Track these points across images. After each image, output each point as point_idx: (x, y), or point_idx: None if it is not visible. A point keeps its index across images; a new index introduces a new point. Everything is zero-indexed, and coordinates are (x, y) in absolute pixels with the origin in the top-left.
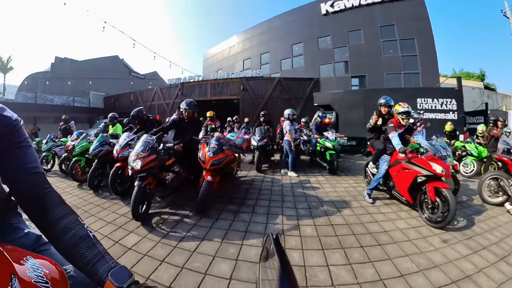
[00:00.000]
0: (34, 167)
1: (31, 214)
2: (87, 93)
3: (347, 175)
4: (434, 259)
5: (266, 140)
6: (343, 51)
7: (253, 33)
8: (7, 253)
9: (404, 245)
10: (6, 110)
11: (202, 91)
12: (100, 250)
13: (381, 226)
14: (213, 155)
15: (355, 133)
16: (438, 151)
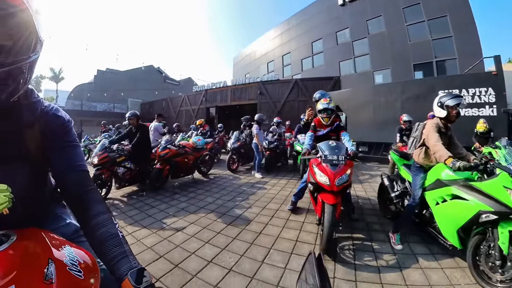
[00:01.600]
0: (80, 165)
1: (73, 207)
2: (125, 100)
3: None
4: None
5: (239, 143)
6: (363, 44)
7: (274, 34)
8: (48, 239)
9: None
10: (60, 111)
11: (223, 97)
12: (125, 249)
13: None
14: (160, 150)
15: (364, 136)
16: (323, 153)
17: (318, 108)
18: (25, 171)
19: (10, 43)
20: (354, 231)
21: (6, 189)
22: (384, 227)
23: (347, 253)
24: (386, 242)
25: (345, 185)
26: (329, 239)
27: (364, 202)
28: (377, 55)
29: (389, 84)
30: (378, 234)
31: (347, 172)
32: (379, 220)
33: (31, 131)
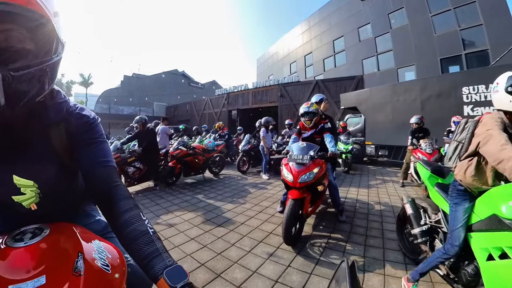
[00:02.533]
0: (106, 160)
1: (100, 204)
2: (151, 103)
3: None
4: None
5: (250, 146)
6: (386, 39)
7: (295, 34)
8: (79, 233)
9: None
10: (85, 109)
11: (245, 100)
12: (158, 247)
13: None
14: (173, 151)
15: (383, 139)
16: (291, 152)
17: (300, 112)
18: (53, 168)
19: (33, 47)
20: (334, 231)
21: (33, 185)
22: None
23: (316, 249)
24: (361, 245)
25: (310, 182)
26: (288, 230)
27: (361, 206)
28: (401, 51)
29: (408, 82)
30: (357, 237)
31: (313, 171)
32: (366, 225)
33: (57, 130)
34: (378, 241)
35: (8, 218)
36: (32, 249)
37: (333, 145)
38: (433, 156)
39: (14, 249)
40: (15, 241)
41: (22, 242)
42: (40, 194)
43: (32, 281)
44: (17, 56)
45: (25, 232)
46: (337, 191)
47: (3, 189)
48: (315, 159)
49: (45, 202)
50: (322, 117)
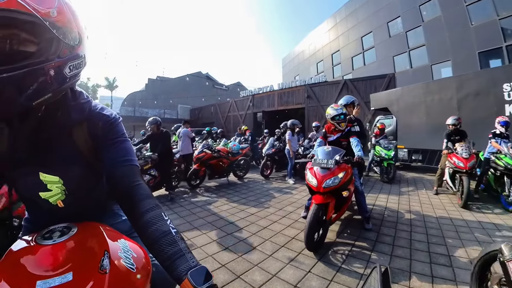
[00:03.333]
0: (127, 159)
1: (121, 204)
2: (175, 106)
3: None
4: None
5: (274, 150)
6: (418, 33)
7: (321, 31)
8: (105, 232)
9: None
10: (106, 109)
11: (270, 102)
12: (181, 247)
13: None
14: (197, 154)
15: (417, 143)
16: (316, 156)
17: (331, 115)
18: (77, 166)
19: (28, 48)
20: (359, 239)
21: (58, 180)
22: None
23: (338, 256)
24: (387, 254)
25: (335, 187)
26: (310, 235)
27: (390, 214)
28: (435, 45)
29: (442, 80)
30: (383, 246)
31: (338, 175)
32: (394, 234)
33: (80, 130)
34: (405, 252)
35: (37, 216)
36: (60, 247)
37: (360, 149)
38: (470, 161)
39: (43, 247)
40: (44, 239)
41: (51, 240)
42: (66, 191)
43: (59, 277)
44: (9, 58)
45: (54, 231)
46: (363, 198)
47: (31, 186)
48: (341, 164)
49: (71, 199)
50: (352, 117)
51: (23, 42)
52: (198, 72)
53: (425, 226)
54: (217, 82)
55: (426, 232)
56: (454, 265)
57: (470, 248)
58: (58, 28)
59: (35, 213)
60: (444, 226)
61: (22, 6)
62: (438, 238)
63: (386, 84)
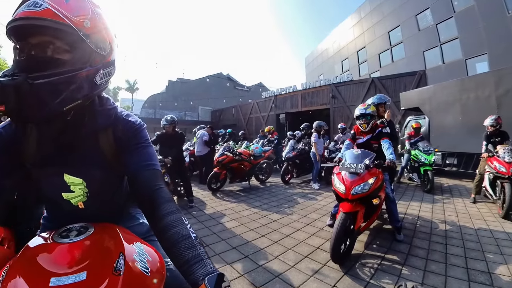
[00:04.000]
0: (150, 164)
1: (143, 207)
2: (196, 108)
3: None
4: None
5: (294, 153)
6: (449, 25)
7: (345, 27)
8: (121, 234)
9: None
10: (131, 116)
11: (294, 102)
12: (200, 252)
13: None
14: (218, 156)
15: (452, 145)
16: (344, 160)
17: (355, 114)
18: (100, 169)
19: (64, 57)
20: (389, 252)
21: (82, 183)
22: (432, 256)
23: (366, 270)
24: (420, 269)
25: (364, 194)
26: (336, 246)
27: (422, 224)
28: (469, 38)
29: (479, 76)
30: (416, 260)
31: (368, 181)
32: (428, 247)
33: (105, 135)
34: (440, 267)
35: (56, 215)
36: (76, 246)
37: (392, 152)
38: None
39: (60, 245)
40: (61, 237)
41: (67, 238)
42: (87, 193)
43: (74, 276)
44: (45, 65)
45: (71, 230)
46: (395, 206)
47: (55, 186)
48: (371, 168)
49: (92, 201)
50: (384, 121)
51: (57, 50)
52: (219, 73)
53: (462, 239)
54: (238, 83)
55: (463, 245)
56: (495, 284)
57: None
58: (91, 38)
59: (55, 212)
60: (483, 239)
61: (58, 16)
62: (477, 252)
63: (417, 82)
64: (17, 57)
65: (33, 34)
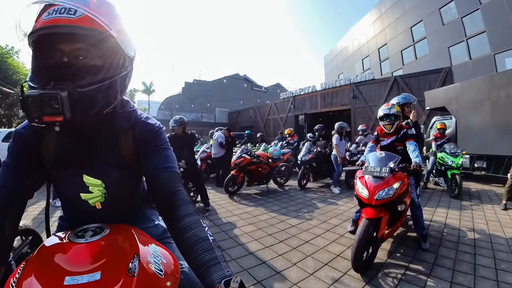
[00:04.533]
0: (169, 166)
1: (161, 208)
2: (213, 109)
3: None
4: None
5: (311, 156)
6: (475, 18)
7: (365, 24)
8: (137, 236)
9: None
10: (151, 118)
11: (313, 103)
12: (217, 255)
13: None
14: (236, 159)
15: (480, 147)
16: (367, 163)
17: (379, 115)
18: (119, 171)
19: (100, 63)
20: (414, 261)
21: (100, 184)
22: (459, 267)
23: (389, 280)
24: (446, 281)
25: (389, 200)
26: (358, 254)
27: (449, 232)
28: (497, 31)
29: (509, 72)
30: (442, 271)
31: (393, 186)
32: (455, 257)
33: (125, 137)
34: (468, 279)
35: (73, 215)
36: (91, 246)
37: (418, 155)
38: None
39: (75, 244)
40: (77, 237)
41: (83, 238)
42: (105, 194)
43: (88, 275)
44: (84, 72)
45: (86, 230)
46: (420, 212)
47: (73, 187)
48: (396, 172)
49: (109, 202)
50: (410, 122)
51: (95, 57)
52: (236, 74)
53: (492, 249)
54: (256, 84)
55: (493, 256)
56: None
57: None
58: (124, 42)
59: (71, 213)
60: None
61: (96, 24)
62: (509, 264)
63: (442, 80)
64: (39, 63)
65: (67, 42)
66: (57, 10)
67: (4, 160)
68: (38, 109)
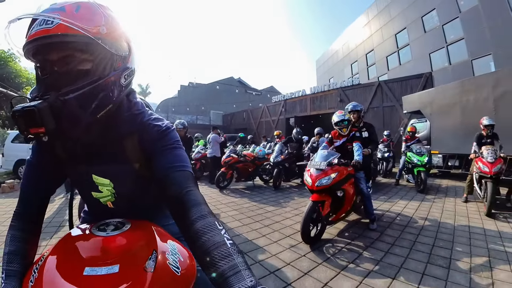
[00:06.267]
0: (180, 165)
1: (172, 211)
2: (207, 112)
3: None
4: None
5: (283, 157)
6: (455, 26)
7: (354, 30)
8: (156, 232)
9: None
10: (159, 119)
11: (303, 106)
12: (237, 262)
13: None
14: (225, 158)
15: (452, 147)
16: (314, 159)
17: (334, 121)
18: (126, 172)
19: (89, 67)
20: (359, 238)
21: (109, 183)
22: (399, 243)
23: (333, 249)
24: (382, 251)
25: (327, 186)
26: (305, 228)
27: (402, 219)
28: (474, 38)
29: (478, 78)
30: (381, 244)
31: (330, 176)
32: (398, 236)
33: (130, 139)
34: (403, 251)
35: (94, 211)
36: (111, 240)
37: (359, 154)
38: (495, 166)
39: (96, 237)
40: (99, 230)
41: (104, 232)
42: (115, 194)
43: (107, 268)
44: (70, 79)
45: (108, 224)
46: (369, 201)
47: (85, 185)
48: (333, 166)
49: (120, 202)
50: (356, 124)
51: (79, 62)
52: (230, 77)
53: (436, 231)
54: (250, 87)
55: (435, 237)
56: (451, 267)
57: (476, 255)
58: (110, 43)
59: (91, 208)
60: (458, 232)
61: (72, 29)
62: (446, 242)
63: (423, 84)
64: (40, 75)
65: (51, 51)
66: (39, 23)
67: (28, 159)
68: (23, 122)
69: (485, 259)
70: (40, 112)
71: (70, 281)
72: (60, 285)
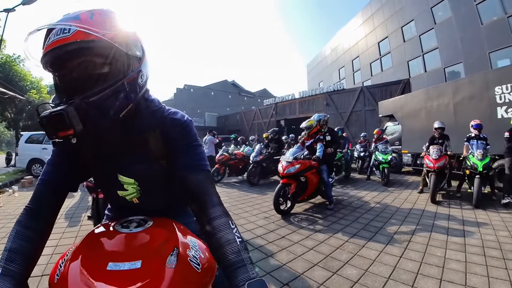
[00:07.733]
0: (200, 165)
1: (192, 207)
2: (203, 114)
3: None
4: None
5: (262, 157)
6: (430, 36)
7: (341, 37)
8: (178, 230)
9: None
10: (178, 113)
11: (292, 109)
12: (243, 257)
13: None
14: (218, 156)
15: (419, 148)
16: (286, 155)
17: (303, 126)
18: (151, 169)
19: (108, 70)
20: (316, 213)
21: (134, 182)
22: (347, 217)
23: (297, 218)
24: (331, 222)
25: (293, 173)
26: (276, 202)
27: (358, 204)
28: (447, 48)
29: (440, 86)
30: (332, 217)
31: (295, 166)
32: (348, 213)
33: (153, 136)
34: (347, 222)
35: (118, 208)
36: (134, 237)
37: (320, 152)
38: (439, 162)
39: (120, 234)
40: (122, 227)
41: (127, 229)
42: (140, 191)
43: (129, 263)
44: (91, 82)
45: (131, 221)
46: (329, 187)
47: (110, 185)
48: (299, 159)
49: (146, 198)
50: (322, 130)
51: (100, 66)
52: (224, 81)
53: (381, 211)
54: (243, 90)
55: (377, 215)
56: (379, 232)
57: (405, 226)
58: (126, 45)
59: (115, 206)
60: (399, 212)
61: (89, 35)
62: (384, 218)
63: (401, 90)
64: (60, 83)
65: (71, 58)
66: (55, 33)
67: (49, 159)
68: (52, 126)
69: (411, 228)
70: (68, 114)
71: (94, 275)
72: (85, 279)
